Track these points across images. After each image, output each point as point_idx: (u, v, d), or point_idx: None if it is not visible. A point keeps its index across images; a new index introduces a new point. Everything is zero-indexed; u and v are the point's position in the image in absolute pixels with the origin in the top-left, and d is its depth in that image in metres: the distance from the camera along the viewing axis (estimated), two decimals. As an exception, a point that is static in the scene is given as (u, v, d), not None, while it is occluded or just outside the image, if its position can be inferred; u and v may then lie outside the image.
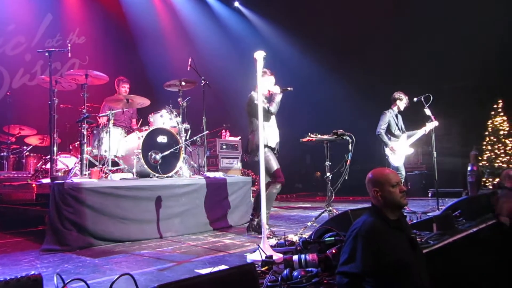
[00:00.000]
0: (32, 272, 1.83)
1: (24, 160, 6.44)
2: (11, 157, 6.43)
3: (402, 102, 6.32)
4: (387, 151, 6.21)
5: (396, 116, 6.36)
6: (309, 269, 2.45)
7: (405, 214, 4.77)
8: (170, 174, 5.33)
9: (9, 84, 8.52)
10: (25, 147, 6.74)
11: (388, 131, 6.28)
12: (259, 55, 3.52)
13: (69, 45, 5.06)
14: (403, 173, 6.26)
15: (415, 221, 3.79)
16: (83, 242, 3.93)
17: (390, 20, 10.10)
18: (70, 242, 3.85)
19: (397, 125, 6.30)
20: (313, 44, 11.23)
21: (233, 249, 3.73)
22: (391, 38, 10.33)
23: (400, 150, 6.20)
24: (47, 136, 6.05)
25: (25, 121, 7.04)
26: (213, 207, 5.11)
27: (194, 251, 3.70)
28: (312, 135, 4.54)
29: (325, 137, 4.57)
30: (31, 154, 6.62)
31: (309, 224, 4.44)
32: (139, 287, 1.91)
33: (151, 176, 5.18)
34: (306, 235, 3.34)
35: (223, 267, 2.95)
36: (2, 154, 6.44)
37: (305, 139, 4.55)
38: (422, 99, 6.04)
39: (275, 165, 4.36)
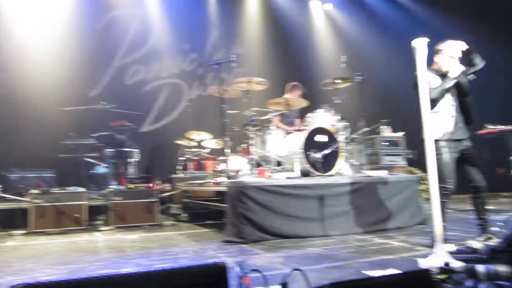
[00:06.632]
0: (219, 260, 2.08)
1: (203, 161, 7.43)
2: (193, 159, 7.49)
3: None
4: None
5: None
6: (501, 282, 2.12)
7: None
8: (331, 173, 5.37)
9: (188, 95, 9.95)
10: (204, 150, 7.76)
11: None
12: (419, 43, 3.10)
13: (233, 56, 5.59)
14: None
15: None
16: (255, 236, 4.27)
17: None
18: (245, 236, 4.24)
19: None
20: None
21: (402, 252, 3.52)
22: None
23: None
24: (221, 140, 6.84)
25: (202, 127, 8.08)
26: (378, 207, 4.91)
27: (361, 252, 3.63)
28: (492, 126, 3.91)
29: (510, 127, 3.88)
30: (209, 156, 7.59)
31: (493, 229, 3.85)
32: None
33: (311, 174, 5.31)
34: (492, 242, 2.90)
35: (393, 270, 2.81)
36: (186, 156, 7.55)
37: (483, 131, 3.94)
38: None
39: (440, 165, 3.43)
